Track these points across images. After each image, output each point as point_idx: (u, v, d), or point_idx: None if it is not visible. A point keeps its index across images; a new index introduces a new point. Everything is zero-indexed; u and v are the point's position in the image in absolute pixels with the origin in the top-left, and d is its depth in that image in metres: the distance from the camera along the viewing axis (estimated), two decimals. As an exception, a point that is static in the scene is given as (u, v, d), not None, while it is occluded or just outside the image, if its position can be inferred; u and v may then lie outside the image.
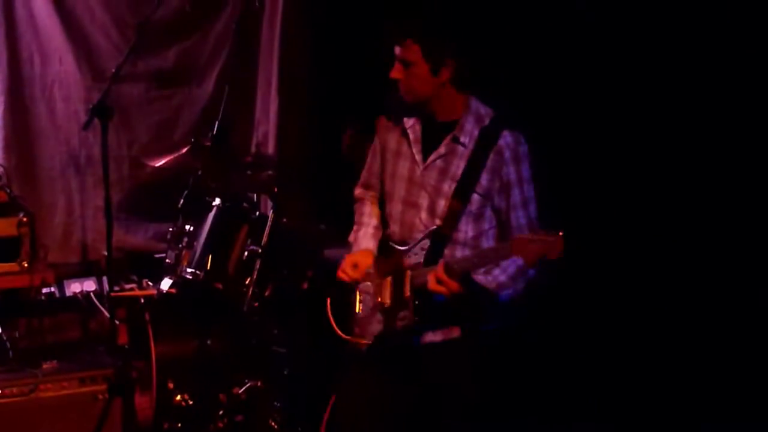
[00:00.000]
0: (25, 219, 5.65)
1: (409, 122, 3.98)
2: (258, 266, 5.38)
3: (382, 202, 4.19)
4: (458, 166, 3.87)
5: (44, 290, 6.02)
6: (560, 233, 3.40)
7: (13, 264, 5.62)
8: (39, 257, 5.92)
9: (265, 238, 5.41)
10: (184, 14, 6.79)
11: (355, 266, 4.08)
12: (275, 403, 5.47)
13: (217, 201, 5.56)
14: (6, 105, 6.29)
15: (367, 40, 4.37)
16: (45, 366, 5.23)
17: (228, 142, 5.98)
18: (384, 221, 4.17)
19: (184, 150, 5.68)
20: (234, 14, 6.96)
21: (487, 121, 3.90)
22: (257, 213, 5.75)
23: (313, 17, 6.85)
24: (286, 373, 5.56)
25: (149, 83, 6.74)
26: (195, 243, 5.55)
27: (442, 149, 3.90)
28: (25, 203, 5.90)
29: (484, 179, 3.85)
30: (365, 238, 4.20)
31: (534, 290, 3.92)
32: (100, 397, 5.04)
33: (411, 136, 3.96)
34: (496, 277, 3.82)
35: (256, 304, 5.39)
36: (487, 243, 3.95)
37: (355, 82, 6.37)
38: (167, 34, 6.71)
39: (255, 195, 6.11)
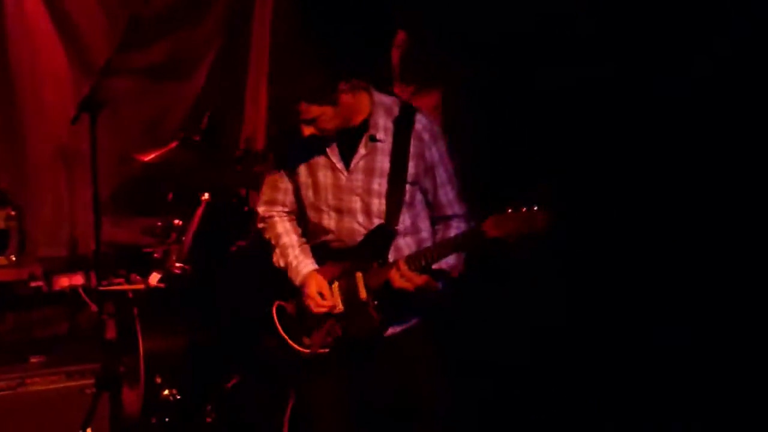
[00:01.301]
0: (13, 213, 5.65)
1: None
2: (246, 261, 5.38)
3: (302, 217, 4.16)
4: (383, 161, 3.87)
5: (32, 284, 6.02)
6: (541, 207, 3.43)
7: (1, 257, 5.61)
8: (27, 251, 5.92)
9: (253, 234, 5.41)
10: (175, 9, 6.79)
11: (322, 295, 3.98)
12: (262, 398, 5.47)
13: (206, 196, 5.55)
14: (-5, 98, 6.30)
15: (357, 36, 4.39)
16: (32, 360, 5.21)
17: (217, 137, 5.99)
18: (311, 233, 4.13)
19: (174, 145, 5.68)
20: (225, 9, 6.97)
21: (396, 110, 3.91)
22: (246, 208, 5.76)
23: (304, 12, 6.85)
24: (273, 369, 5.56)
25: (139, 77, 6.75)
26: (183, 237, 5.56)
27: (362, 150, 3.88)
28: (13, 197, 5.90)
29: (411, 166, 3.87)
30: (300, 260, 4.08)
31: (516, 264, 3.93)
32: (88, 391, 5.02)
33: (326, 147, 3.94)
34: (447, 260, 3.84)
35: (244, 298, 5.40)
36: (423, 224, 3.98)
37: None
38: (157, 29, 6.71)
39: (244, 190, 6.10)
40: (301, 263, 4.05)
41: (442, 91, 5.19)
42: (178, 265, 5.48)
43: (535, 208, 3.45)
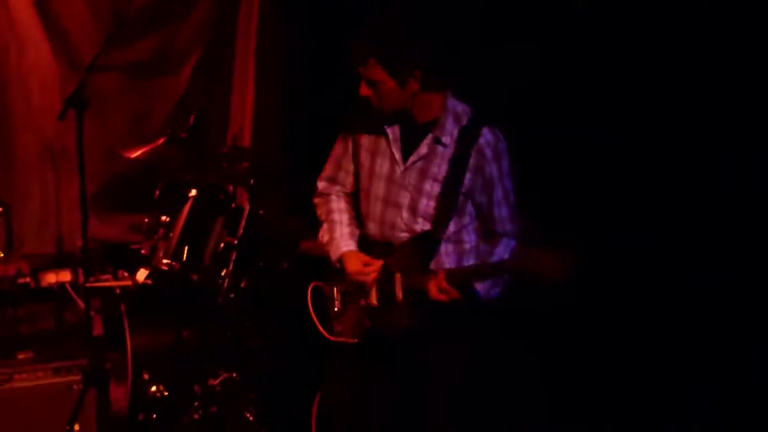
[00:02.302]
0: (0, 209, 5.63)
1: (387, 121, 3.98)
2: (234, 258, 5.39)
3: (355, 199, 4.18)
4: (440, 167, 3.89)
5: (19, 280, 6.01)
6: (572, 254, 3.47)
7: (-13, 254, 5.61)
8: (14, 248, 5.90)
9: (240, 230, 5.42)
10: (161, 5, 6.78)
11: (366, 265, 4.03)
12: (250, 396, 5.48)
13: (193, 192, 5.55)
14: (-19, 95, 6.28)
15: (345, 33, 4.38)
16: (20, 356, 5.21)
17: (204, 134, 5.99)
18: (358, 219, 4.16)
19: (160, 141, 5.67)
20: (211, 6, 6.97)
21: (465, 120, 3.91)
22: (233, 205, 5.76)
23: (290, 10, 6.85)
24: (261, 365, 5.57)
25: (125, 74, 6.74)
26: (171, 234, 5.55)
27: (423, 150, 3.90)
28: (0, 194, 5.88)
29: (467, 179, 3.88)
30: (344, 238, 4.15)
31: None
32: (75, 387, 5.02)
33: (390, 136, 3.95)
34: (486, 283, 3.90)
35: (232, 295, 5.41)
36: (467, 236, 4.00)
37: (332, 75, 6.37)
38: (144, 25, 6.71)
39: (231, 187, 6.11)
40: (344, 241, 4.11)
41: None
42: (165, 261, 5.48)
43: (554, 255, 3.48)
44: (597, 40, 4.80)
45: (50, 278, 6.20)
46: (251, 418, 5.46)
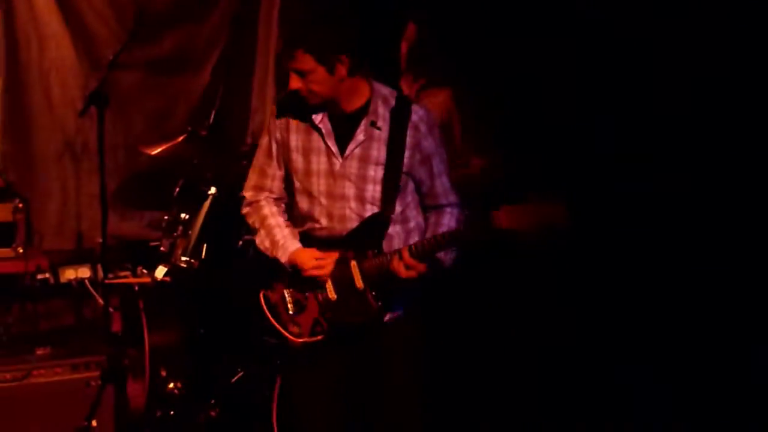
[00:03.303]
0: (20, 205, 5.67)
1: (317, 118, 3.94)
2: (252, 255, 5.40)
3: (291, 203, 4.16)
4: (379, 149, 3.90)
5: (39, 276, 6.03)
6: (561, 202, 3.47)
7: (7, 250, 5.64)
8: (34, 243, 5.93)
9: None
10: (183, 2, 6.79)
11: (318, 260, 3.99)
12: (267, 393, 5.48)
13: (213, 190, 5.56)
14: (2, 90, 6.31)
15: (363, 28, 4.39)
16: (38, 352, 5.24)
17: (224, 132, 6.00)
18: (298, 219, 4.13)
19: (180, 139, 5.69)
20: (232, 3, 6.98)
21: (393, 101, 3.95)
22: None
23: (311, 7, 6.85)
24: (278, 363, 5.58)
25: (146, 71, 6.75)
26: (190, 232, 5.57)
27: (360, 136, 3.90)
28: (20, 189, 5.92)
29: (406, 157, 3.90)
30: (288, 238, 4.09)
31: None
32: (93, 383, 5.04)
33: (323, 130, 3.95)
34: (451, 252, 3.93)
35: (250, 292, 5.41)
36: (411, 213, 4.01)
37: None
38: (165, 22, 6.72)
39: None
40: (289, 242, 4.06)
41: (452, 90, 5.19)
42: (184, 258, 5.50)
43: (556, 203, 3.48)
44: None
45: (69, 274, 6.23)
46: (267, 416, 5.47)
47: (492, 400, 5.12)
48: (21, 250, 5.68)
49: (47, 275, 6.09)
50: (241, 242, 5.52)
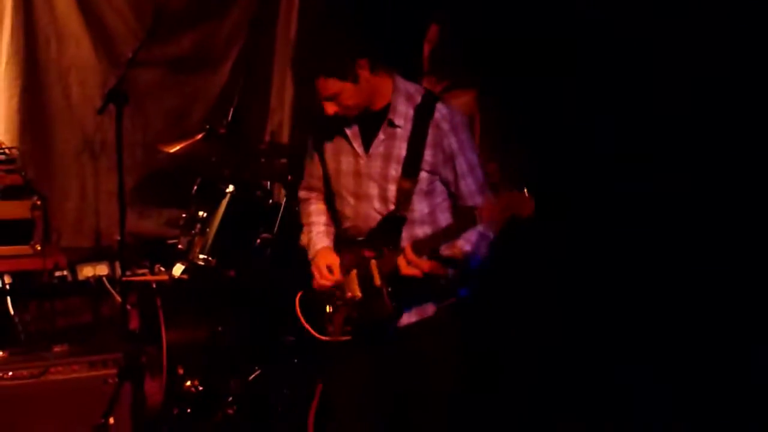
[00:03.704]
0: (38, 202, 5.66)
1: (345, 118, 3.96)
2: (270, 253, 5.40)
3: (330, 202, 4.18)
4: (400, 148, 3.87)
5: (56, 274, 6.05)
6: (525, 190, 3.44)
7: (26, 247, 5.64)
8: (52, 241, 5.93)
9: (277, 226, 5.43)
10: (202, 1, 6.81)
11: (330, 269, 4.03)
12: (284, 391, 5.48)
13: (231, 188, 5.56)
14: (22, 88, 6.32)
15: (384, 29, 4.39)
16: (56, 349, 5.23)
17: (242, 130, 6.00)
18: (336, 219, 4.16)
19: (199, 137, 5.69)
20: (251, 2, 6.98)
21: (419, 99, 3.91)
22: (270, 200, 5.77)
23: (331, 6, 6.85)
24: (295, 361, 5.57)
25: (165, 69, 6.78)
26: (208, 229, 5.57)
27: (381, 136, 3.89)
28: (39, 187, 5.92)
29: (428, 155, 3.86)
30: (320, 237, 4.15)
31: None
32: (110, 381, 5.03)
33: (349, 132, 3.95)
34: (461, 247, 3.83)
35: (268, 291, 5.41)
36: (442, 215, 3.97)
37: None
38: (184, 21, 6.74)
39: (268, 182, 6.11)
40: (318, 239, 4.11)
41: (477, 91, 5.18)
42: (201, 256, 5.50)
43: (517, 192, 3.46)
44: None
45: (87, 272, 6.25)
46: (287, 412, 5.46)
47: (492, 401, 5.10)
48: (39, 248, 5.67)
49: (65, 272, 6.11)
50: (258, 240, 5.52)
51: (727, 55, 4.37)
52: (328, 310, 4.04)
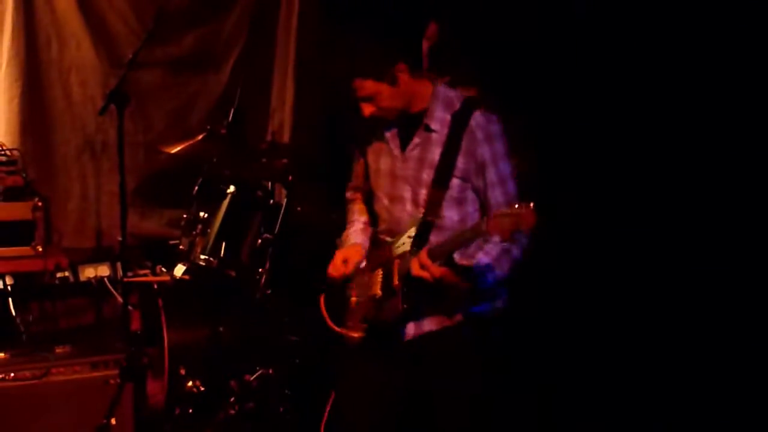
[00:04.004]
0: (39, 203, 5.67)
1: (382, 120, 3.97)
2: (271, 254, 5.40)
3: (370, 201, 4.20)
4: (434, 153, 3.87)
5: (58, 275, 6.05)
6: (531, 204, 3.40)
7: (27, 248, 5.64)
8: (53, 242, 5.94)
9: (278, 226, 5.43)
10: (202, 2, 6.81)
11: (345, 261, 4.06)
12: (286, 391, 5.48)
13: (232, 188, 5.56)
14: (23, 89, 6.31)
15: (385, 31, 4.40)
16: (57, 350, 5.24)
17: (243, 130, 6.00)
18: (373, 218, 4.19)
19: (200, 137, 5.68)
20: (251, 2, 6.98)
21: (458, 105, 3.90)
22: (271, 201, 5.77)
23: (331, 6, 6.85)
24: (297, 361, 5.57)
25: (166, 70, 6.77)
26: (209, 230, 5.56)
27: (416, 139, 3.90)
28: (40, 188, 5.92)
29: (460, 162, 3.85)
30: (354, 234, 4.21)
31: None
32: (112, 382, 5.05)
33: (387, 133, 3.96)
34: (479, 260, 3.81)
35: (269, 291, 5.41)
36: (472, 223, 3.96)
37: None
38: (184, 21, 6.74)
39: (269, 183, 6.11)
40: (354, 237, 4.17)
41: (478, 88, 5.18)
42: (203, 257, 5.50)
43: (524, 205, 3.44)
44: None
45: (89, 272, 6.26)
46: (286, 414, 5.46)
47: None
48: (40, 249, 5.67)
49: (67, 273, 6.11)
50: (260, 241, 5.52)
51: (728, 54, 4.37)
52: (352, 305, 4.06)
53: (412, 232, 3.89)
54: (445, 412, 4.01)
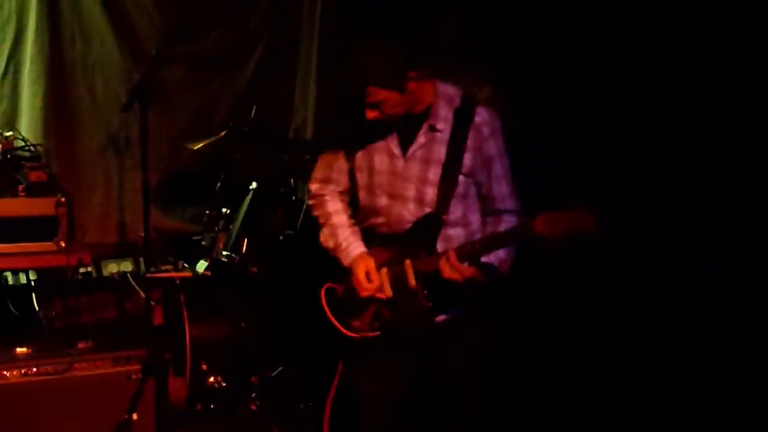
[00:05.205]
0: (63, 199, 5.68)
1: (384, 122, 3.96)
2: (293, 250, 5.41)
3: (355, 197, 4.16)
4: (440, 152, 3.87)
5: (81, 270, 6.06)
6: (590, 210, 3.41)
7: (50, 243, 5.65)
8: (76, 237, 5.95)
9: (300, 223, 5.44)
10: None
11: (368, 276, 3.98)
12: (306, 386, 5.49)
13: (254, 185, 5.58)
14: (47, 86, 6.34)
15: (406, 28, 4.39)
16: (80, 345, 5.25)
17: (266, 127, 6.00)
18: (362, 215, 4.14)
19: (223, 134, 5.70)
20: (274, 1, 6.99)
21: (457, 101, 3.91)
22: (293, 197, 5.77)
23: (354, 5, 6.85)
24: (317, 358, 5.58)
25: (189, 67, 6.78)
26: (231, 226, 5.58)
27: (421, 139, 3.89)
28: (63, 183, 5.94)
29: (467, 159, 3.87)
30: (354, 245, 4.09)
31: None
32: (134, 377, 5.05)
33: (385, 131, 3.94)
34: (498, 254, 3.84)
35: (290, 287, 5.43)
36: (473, 216, 3.98)
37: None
38: (209, 18, 6.74)
39: (292, 179, 6.12)
40: (352, 245, 4.07)
41: (492, 86, 5.17)
42: (225, 253, 5.51)
43: (586, 210, 3.44)
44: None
45: (112, 268, 6.27)
46: (307, 410, 5.47)
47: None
48: (63, 244, 5.68)
49: (89, 269, 6.12)
50: (281, 237, 5.53)
51: (727, 54, 4.35)
52: (358, 304, 4.04)
53: (418, 230, 3.91)
54: (465, 399, 4.05)
